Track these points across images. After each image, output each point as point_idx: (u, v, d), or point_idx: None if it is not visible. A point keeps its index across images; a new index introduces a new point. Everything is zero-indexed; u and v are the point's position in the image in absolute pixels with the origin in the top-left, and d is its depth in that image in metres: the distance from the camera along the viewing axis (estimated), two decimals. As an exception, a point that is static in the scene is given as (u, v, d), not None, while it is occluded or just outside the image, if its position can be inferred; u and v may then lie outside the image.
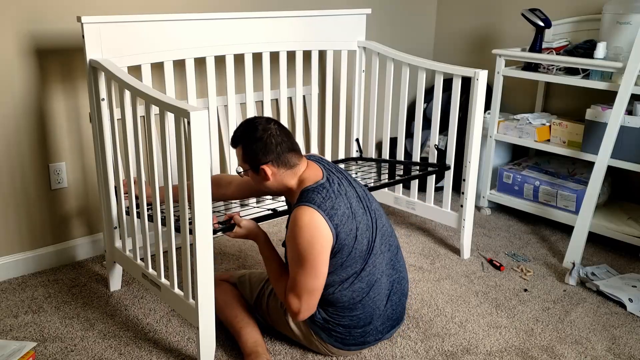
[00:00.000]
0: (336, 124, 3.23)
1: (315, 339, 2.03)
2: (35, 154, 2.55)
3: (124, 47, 2.28)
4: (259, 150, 1.89)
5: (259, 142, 1.88)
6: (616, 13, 2.82)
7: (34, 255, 2.63)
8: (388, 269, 2.03)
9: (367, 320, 2.00)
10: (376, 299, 1.99)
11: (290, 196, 2.00)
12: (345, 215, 1.86)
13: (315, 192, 1.87)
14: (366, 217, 1.93)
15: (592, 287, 2.56)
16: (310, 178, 1.92)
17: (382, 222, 2.02)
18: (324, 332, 2.00)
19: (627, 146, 2.74)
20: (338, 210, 1.85)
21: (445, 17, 3.93)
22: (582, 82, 2.88)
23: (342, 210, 1.86)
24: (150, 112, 1.96)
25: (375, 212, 1.99)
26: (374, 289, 1.97)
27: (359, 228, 1.90)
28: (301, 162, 1.95)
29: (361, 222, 1.91)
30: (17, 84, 2.44)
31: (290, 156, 1.91)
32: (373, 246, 1.95)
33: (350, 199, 1.91)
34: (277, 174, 1.92)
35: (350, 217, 1.88)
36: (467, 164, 2.71)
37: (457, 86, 2.69)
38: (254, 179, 1.97)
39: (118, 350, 2.11)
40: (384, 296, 2.02)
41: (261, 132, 1.89)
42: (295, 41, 2.85)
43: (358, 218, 1.90)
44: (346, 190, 1.93)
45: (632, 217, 2.96)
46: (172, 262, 2.02)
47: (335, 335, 2.00)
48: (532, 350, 2.17)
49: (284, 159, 1.90)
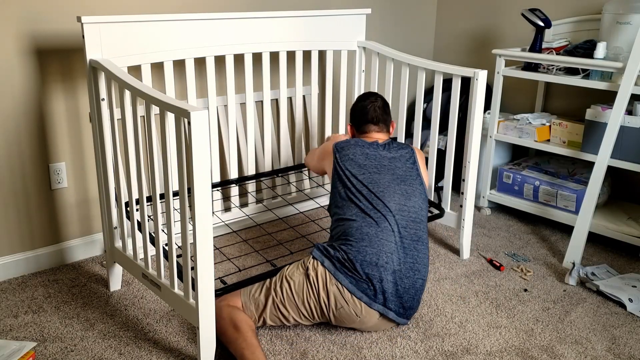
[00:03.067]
0: (336, 124, 3.23)
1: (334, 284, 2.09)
2: (35, 154, 2.55)
3: (124, 47, 2.28)
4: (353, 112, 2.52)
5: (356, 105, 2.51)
6: (616, 13, 2.82)
7: (34, 255, 2.63)
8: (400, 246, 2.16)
9: (374, 260, 2.09)
10: (384, 245, 2.12)
11: None
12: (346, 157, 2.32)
13: (350, 139, 2.40)
14: (377, 177, 2.25)
15: (592, 287, 2.56)
16: (366, 137, 2.44)
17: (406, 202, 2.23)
18: (332, 261, 2.10)
19: (627, 146, 2.74)
20: (343, 150, 2.35)
21: (445, 17, 3.93)
22: (582, 82, 2.88)
23: (346, 152, 2.34)
24: (150, 112, 1.96)
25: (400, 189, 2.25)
26: (380, 241, 2.12)
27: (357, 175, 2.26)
28: (373, 133, 2.45)
29: (364, 174, 2.26)
30: (17, 84, 2.44)
31: (367, 127, 2.45)
32: (388, 208, 2.19)
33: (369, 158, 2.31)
34: (355, 135, 2.51)
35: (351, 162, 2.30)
36: (466, 164, 2.71)
37: (457, 86, 2.69)
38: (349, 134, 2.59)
39: (118, 350, 2.11)
40: (393, 257, 2.12)
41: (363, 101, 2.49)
42: (295, 41, 2.85)
43: (362, 169, 2.28)
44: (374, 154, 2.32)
45: (632, 217, 2.96)
46: (172, 262, 2.02)
47: (345, 269, 2.09)
48: (532, 350, 2.17)
49: (362, 126, 2.47)
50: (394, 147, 2.37)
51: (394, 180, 2.26)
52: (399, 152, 2.36)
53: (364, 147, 2.34)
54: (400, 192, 2.24)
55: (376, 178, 2.26)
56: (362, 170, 2.27)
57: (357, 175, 2.27)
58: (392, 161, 2.31)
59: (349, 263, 2.09)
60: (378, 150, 2.34)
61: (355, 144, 2.35)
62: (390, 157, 2.32)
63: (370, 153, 2.32)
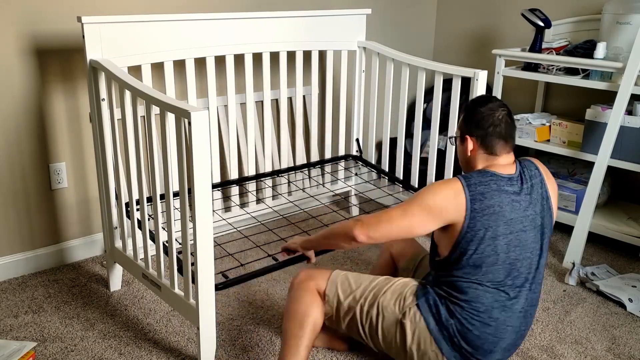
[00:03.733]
0: (336, 124, 3.23)
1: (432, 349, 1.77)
2: (35, 154, 2.55)
3: (124, 47, 2.28)
4: (475, 120, 1.82)
5: (480, 113, 1.82)
6: (616, 13, 2.82)
7: (34, 255, 2.63)
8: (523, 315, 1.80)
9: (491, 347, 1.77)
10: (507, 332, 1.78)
11: None
12: (491, 209, 1.69)
13: (483, 173, 1.75)
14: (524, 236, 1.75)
15: (592, 287, 2.56)
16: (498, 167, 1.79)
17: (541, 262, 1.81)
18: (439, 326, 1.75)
19: (627, 146, 2.74)
20: (486, 200, 1.70)
21: (445, 17, 3.93)
22: (582, 82, 2.88)
23: (492, 202, 1.70)
24: (150, 113, 1.96)
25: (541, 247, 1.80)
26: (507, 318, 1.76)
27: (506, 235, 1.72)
28: (503, 156, 1.81)
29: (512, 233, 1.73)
30: (17, 84, 2.44)
31: (496, 142, 1.80)
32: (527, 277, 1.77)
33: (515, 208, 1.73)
34: (476, 151, 1.82)
35: (496, 216, 1.70)
36: (467, 164, 2.71)
37: (457, 86, 2.69)
38: (458, 149, 1.91)
39: (118, 350, 2.11)
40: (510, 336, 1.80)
41: (489, 106, 1.83)
42: (296, 41, 2.85)
43: (511, 227, 1.72)
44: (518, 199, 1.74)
45: (632, 217, 2.96)
46: (172, 262, 2.02)
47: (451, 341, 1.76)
48: (532, 350, 2.17)
49: (489, 142, 1.80)
50: (527, 178, 1.80)
51: (536, 236, 1.79)
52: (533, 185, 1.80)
53: (506, 191, 1.74)
54: (539, 251, 1.80)
55: (523, 238, 1.75)
56: (508, 229, 1.73)
57: (502, 236, 1.72)
58: (533, 205, 1.79)
59: (460, 339, 1.76)
60: (521, 192, 1.77)
61: (498, 188, 1.73)
62: (532, 200, 1.78)
63: (515, 200, 1.75)
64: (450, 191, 1.71)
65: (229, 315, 2.34)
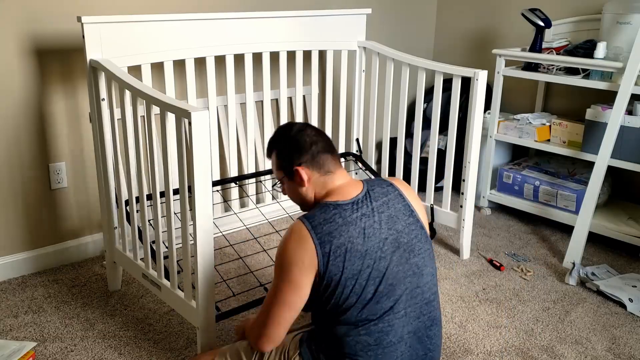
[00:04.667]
0: (336, 124, 3.23)
1: None
2: (35, 154, 2.55)
3: (124, 47, 2.28)
4: (293, 149, 1.68)
5: (292, 140, 1.70)
6: (616, 13, 2.82)
7: (34, 255, 2.63)
8: (412, 339, 1.62)
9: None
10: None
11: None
12: (342, 248, 1.54)
13: (324, 209, 1.59)
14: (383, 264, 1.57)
15: (592, 287, 2.56)
16: (339, 193, 1.64)
17: (417, 282, 1.63)
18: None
19: (627, 146, 2.74)
20: (335, 239, 1.54)
21: (445, 17, 3.93)
22: (582, 82, 2.88)
23: (340, 240, 1.54)
24: (150, 112, 1.96)
25: (410, 266, 1.62)
26: (384, 353, 1.58)
27: (362, 272, 1.55)
28: (337, 172, 1.69)
29: (370, 267, 1.56)
30: (17, 84, 2.44)
31: (325, 158, 1.68)
32: (393, 305, 1.58)
33: (368, 236, 1.57)
34: (312, 177, 1.67)
35: (350, 254, 1.54)
36: (467, 164, 2.71)
37: (457, 86, 2.69)
38: (289, 190, 1.74)
39: (118, 350, 2.11)
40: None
41: (295, 131, 1.71)
42: (295, 41, 2.85)
43: (366, 261, 1.55)
44: (369, 224, 1.58)
45: (632, 217, 2.96)
46: (172, 262, 2.02)
47: None
48: (532, 350, 2.17)
49: (319, 160, 1.67)
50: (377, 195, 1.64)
51: (402, 257, 1.60)
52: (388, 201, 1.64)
53: (353, 220, 1.57)
54: (411, 271, 1.62)
55: (382, 267, 1.57)
56: (365, 262, 1.56)
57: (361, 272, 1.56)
58: (392, 224, 1.61)
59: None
60: (371, 213, 1.60)
61: (344, 222, 1.56)
62: (388, 218, 1.61)
63: (365, 226, 1.58)
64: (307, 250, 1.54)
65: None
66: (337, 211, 1.57)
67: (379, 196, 1.63)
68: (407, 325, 1.60)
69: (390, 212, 1.62)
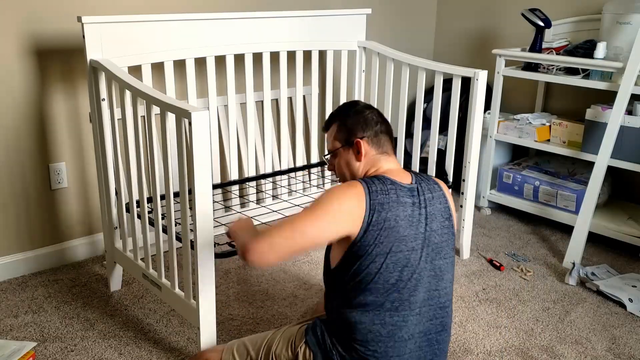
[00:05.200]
0: (336, 124, 3.23)
1: None
2: (35, 154, 2.55)
3: (124, 47, 2.28)
4: (358, 123, 1.68)
5: (359, 115, 1.70)
6: (616, 13, 2.82)
7: (34, 255, 2.63)
8: (422, 340, 1.60)
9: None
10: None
11: None
12: (387, 223, 1.52)
13: (383, 180, 1.57)
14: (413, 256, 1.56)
15: (592, 287, 2.56)
16: (392, 174, 1.62)
17: (437, 284, 1.62)
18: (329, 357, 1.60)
19: (627, 146, 2.74)
20: (384, 212, 1.52)
21: (445, 17, 3.93)
22: (582, 82, 2.88)
23: (388, 215, 1.52)
24: (150, 113, 1.96)
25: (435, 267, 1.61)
26: (394, 347, 1.56)
27: (395, 254, 1.53)
28: (392, 156, 1.71)
29: (403, 252, 1.54)
30: (18, 84, 2.44)
31: (385, 140, 1.69)
32: (410, 299, 1.56)
33: (410, 224, 1.55)
34: (369, 154, 1.67)
35: (390, 231, 1.52)
36: (466, 164, 2.71)
37: (457, 86, 2.69)
38: (340, 162, 1.71)
39: (118, 350, 2.11)
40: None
41: (362, 107, 1.73)
42: (295, 41, 2.85)
43: (402, 245, 1.54)
44: (413, 214, 1.57)
45: (632, 217, 2.96)
46: (172, 262, 2.02)
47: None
48: (532, 350, 2.17)
49: (380, 139, 1.68)
50: (424, 190, 1.63)
51: (428, 256, 1.59)
52: (433, 198, 1.63)
53: (405, 203, 1.57)
54: (433, 272, 1.60)
55: (412, 258, 1.56)
56: (399, 247, 1.54)
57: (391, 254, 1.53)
58: (430, 221, 1.60)
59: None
60: (419, 205, 1.59)
61: (397, 200, 1.56)
62: (429, 215, 1.60)
63: (412, 214, 1.57)
64: (354, 197, 1.52)
65: (229, 315, 2.34)
66: (394, 187, 1.57)
67: (426, 191, 1.62)
68: (420, 325, 1.59)
69: (431, 209, 1.61)
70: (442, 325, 1.65)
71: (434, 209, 1.61)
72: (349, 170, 1.71)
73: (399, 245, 1.53)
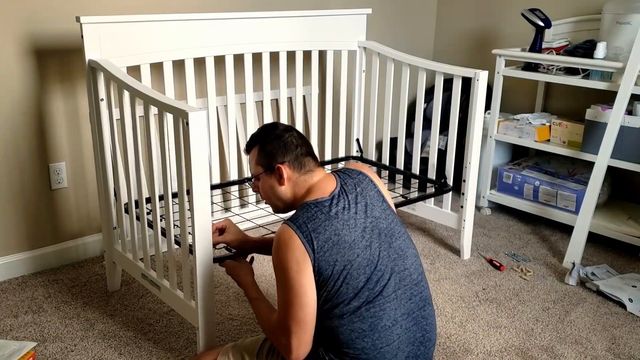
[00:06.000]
0: (336, 124, 3.23)
1: None
2: (35, 154, 2.55)
3: (123, 47, 2.28)
4: (277, 148, 1.72)
5: (278, 140, 1.73)
6: (616, 13, 2.82)
7: (34, 255, 2.63)
8: (407, 321, 1.63)
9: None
10: (384, 351, 1.60)
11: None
12: (330, 242, 1.57)
13: (305, 208, 1.62)
14: (369, 252, 1.61)
15: (592, 287, 2.56)
16: (318, 191, 1.67)
17: (403, 264, 1.66)
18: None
19: (627, 146, 2.74)
20: (320, 235, 1.57)
21: (445, 17, 3.92)
22: (582, 82, 2.88)
23: (326, 235, 1.57)
24: (149, 113, 1.96)
25: (394, 250, 1.65)
26: (380, 337, 1.59)
27: (352, 262, 1.58)
28: (317, 170, 1.74)
29: (359, 255, 1.59)
30: (17, 84, 2.44)
31: (307, 160, 1.73)
32: (383, 288, 1.60)
33: (351, 227, 1.60)
34: (292, 177, 1.71)
35: (338, 247, 1.57)
36: (467, 165, 2.71)
37: (457, 86, 2.69)
38: (264, 186, 1.76)
39: (118, 350, 2.11)
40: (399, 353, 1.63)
41: (281, 131, 1.75)
42: (295, 41, 2.85)
43: (355, 250, 1.59)
44: (350, 216, 1.62)
45: (632, 217, 2.96)
46: (172, 262, 2.02)
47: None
48: (532, 350, 2.17)
49: (301, 161, 1.72)
50: (351, 187, 1.68)
51: (384, 243, 1.64)
52: (363, 189, 1.69)
53: (335, 215, 1.61)
54: (396, 254, 1.65)
55: (370, 254, 1.61)
56: (354, 252, 1.59)
57: (350, 263, 1.58)
58: (371, 210, 1.66)
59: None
60: (353, 202, 1.65)
61: (327, 217, 1.59)
62: (367, 205, 1.66)
63: (348, 218, 1.61)
64: (295, 245, 1.56)
65: (229, 315, 2.34)
66: (318, 208, 1.61)
67: (352, 188, 1.67)
68: (400, 308, 1.62)
69: (366, 200, 1.66)
70: (423, 300, 1.68)
71: (369, 198, 1.67)
72: (273, 194, 1.75)
73: (353, 252, 1.58)
